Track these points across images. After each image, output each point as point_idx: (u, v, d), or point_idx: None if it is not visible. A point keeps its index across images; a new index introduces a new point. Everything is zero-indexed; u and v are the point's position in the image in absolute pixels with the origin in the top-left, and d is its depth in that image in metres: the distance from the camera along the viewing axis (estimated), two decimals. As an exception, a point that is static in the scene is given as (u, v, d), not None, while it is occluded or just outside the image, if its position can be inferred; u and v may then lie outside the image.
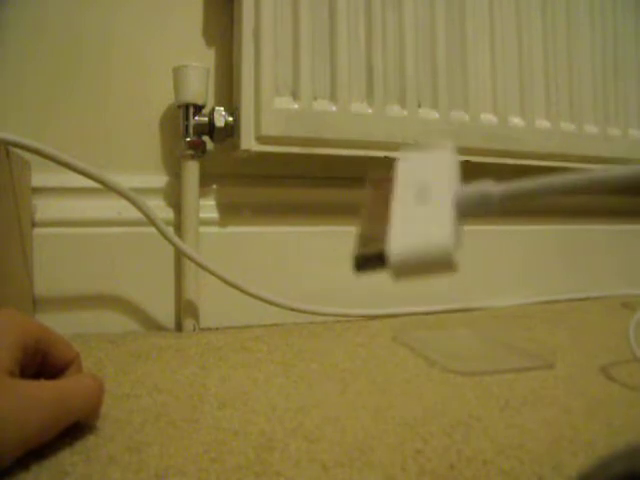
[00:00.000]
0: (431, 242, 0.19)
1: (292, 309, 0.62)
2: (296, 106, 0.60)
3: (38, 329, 0.30)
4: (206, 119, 0.60)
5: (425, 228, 0.19)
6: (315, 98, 0.61)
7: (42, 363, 0.31)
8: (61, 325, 0.55)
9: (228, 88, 0.64)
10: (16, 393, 0.26)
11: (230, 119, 0.60)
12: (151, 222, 0.55)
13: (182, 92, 0.59)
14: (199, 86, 0.59)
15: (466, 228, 0.78)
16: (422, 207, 0.20)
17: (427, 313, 0.68)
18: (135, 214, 0.55)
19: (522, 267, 0.78)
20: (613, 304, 0.75)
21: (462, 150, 0.67)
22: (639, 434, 0.32)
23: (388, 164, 0.22)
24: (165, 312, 0.61)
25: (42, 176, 0.57)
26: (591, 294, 0.80)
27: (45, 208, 0.57)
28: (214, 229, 0.63)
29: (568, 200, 0.82)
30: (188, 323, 0.60)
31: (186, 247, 0.58)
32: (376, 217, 0.20)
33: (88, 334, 0.55)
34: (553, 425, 0.33)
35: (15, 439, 0.25)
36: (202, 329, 0.61)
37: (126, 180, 0.56)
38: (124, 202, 0.54)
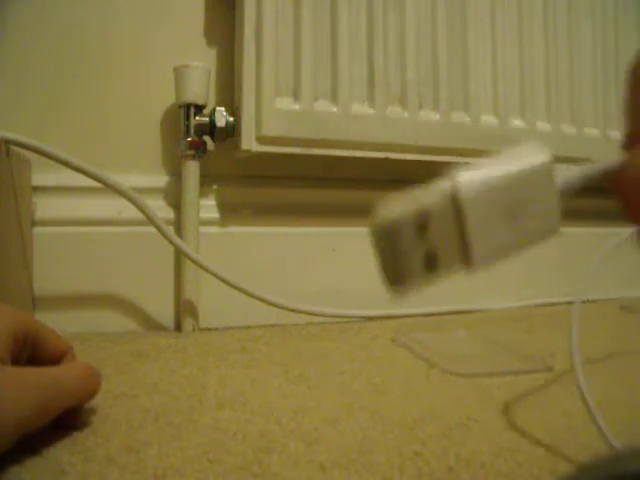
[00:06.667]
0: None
1: (291, 310, 0.62)
2: (297, 107, 0.60)
3: (27, 320, 0.31)
4: (207, 119, 0.60)
5: None
6: (316, 99, 0.61)
7: (33, 355, 0.31)
8: (61, 324, 0.55)
9: (229, 88, 0.64)
10: (9, 378, 0.26)
11: (231, 119, 0.60)
12: (151, 222, 0.55)
13: (183, 92, 0.59)
14: (200, 86, 0.59)
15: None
16: None
17: (426, 315, 0.68)
18: (135, 214, 0.55)
19: (522, 269, 0.78)
20: (612, 307, 0.75)
21: (462, 152, 0.67)
22: (636, 437, 0.32)
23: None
24: (164, 312, 0.61)
25: (42, 175, 0.57)
26: (590, 297, 0.80)
27: (45, 207, 0.57)
28: (214, 229, 0.63)
29: (567, 203, 0.82)
30: (187, 323, 0.60)
31: (186, 247, 0.58)
32: None
33: (87, 333, 0.55)
34: (551, 428, 0.33)
35: (11, 424, 0.25)
36: (201, 329, 0.61)
37: (126, 179, 0.55)
38: (124, 201, 0.54)
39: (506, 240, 0.17)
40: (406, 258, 0.17)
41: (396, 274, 0.17)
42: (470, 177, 0.17)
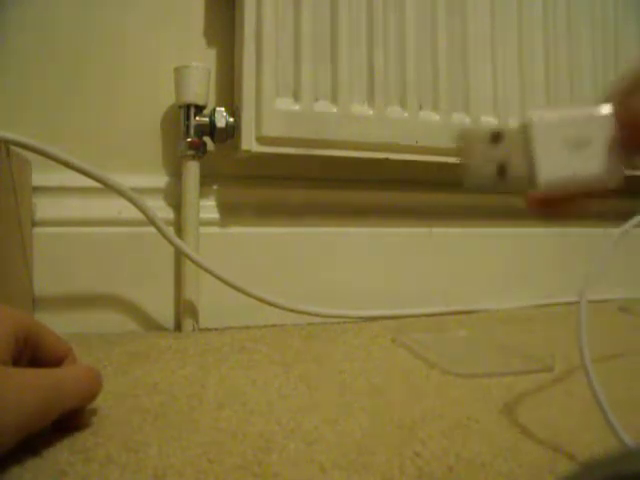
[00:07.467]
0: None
1: (291, 310, 0.62)
2: (297, 107, 0.60)
3: (27, 321, 0.30)
4: (207, 119, 0.60)
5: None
6: (316, 99, 0.61)
7: (34, 356, 0.31)
8: (61, 325, 0.55)
9: (229, 88, 0.64)
10: (10, 379, 0.26)
11: (231, 120, 0.60)
12: (151, 222, 0.55)
13: (183, 92, 0.59)
14: (200, 86, 0.59)
15: (463, 229, 0.79)
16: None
17: (427, 315, 0.68)
18: (135, 214, 0.55)
19: (521, 269, 0.78)
20: (610, 307, 0.75)
21: (462, 152, 0.67)
22: (636, 437, 0.32)
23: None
24: (164, 312, 0.61)
25: (42, 175, 0.57)
26: (589, 297, 0.80)
27: (45, 207, 0.57)
28: (214, 229, 0.63)
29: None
30: (187, 323, 0.60)
31: (186, 247, 0.58)
32: None
33: (88, 334, 0.55)
34: (551, 428, 0.33)
35: (12, 424, 0.25)
36: (201, 329, 0.61)
37: (126, 180, 0.56)
38: (124, 202, 0.54)
39: (568, 169, 0.21)
40: (479, 160, 0.22)
41: (470, 171, 0.22)
42: (541, 110, 0.21)
